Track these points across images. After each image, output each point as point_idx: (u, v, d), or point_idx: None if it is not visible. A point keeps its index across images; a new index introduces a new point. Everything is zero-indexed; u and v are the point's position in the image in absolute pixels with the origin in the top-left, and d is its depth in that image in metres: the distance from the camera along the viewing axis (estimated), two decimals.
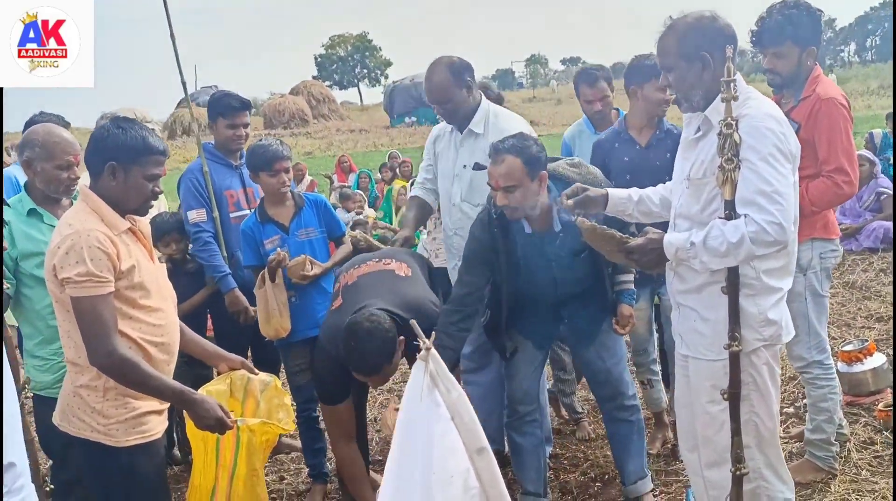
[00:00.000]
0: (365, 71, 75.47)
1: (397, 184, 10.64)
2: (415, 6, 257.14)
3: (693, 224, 2.58)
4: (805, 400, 3.76)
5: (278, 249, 3.79)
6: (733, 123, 2.39)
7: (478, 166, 3.56)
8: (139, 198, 2.63)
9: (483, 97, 3.79)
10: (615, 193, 2.94)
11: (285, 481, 4.25)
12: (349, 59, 74.58)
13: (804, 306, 3.43)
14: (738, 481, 2.62)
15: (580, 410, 4.55)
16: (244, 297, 4.04)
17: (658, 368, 4.13)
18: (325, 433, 3.97)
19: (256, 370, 3.11)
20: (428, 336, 2.18)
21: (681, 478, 3.82)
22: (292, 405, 3.36)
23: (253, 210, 3.99)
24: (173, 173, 4.77)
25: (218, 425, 2.69)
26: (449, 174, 3.79)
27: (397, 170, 11.50)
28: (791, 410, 4.40)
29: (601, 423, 4.41)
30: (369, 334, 2.96)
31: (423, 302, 3.29)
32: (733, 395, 2.57)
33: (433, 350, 1.95)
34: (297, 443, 4.60)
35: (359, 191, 10.60)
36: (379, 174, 11.66)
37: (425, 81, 3.66)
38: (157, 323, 2.65)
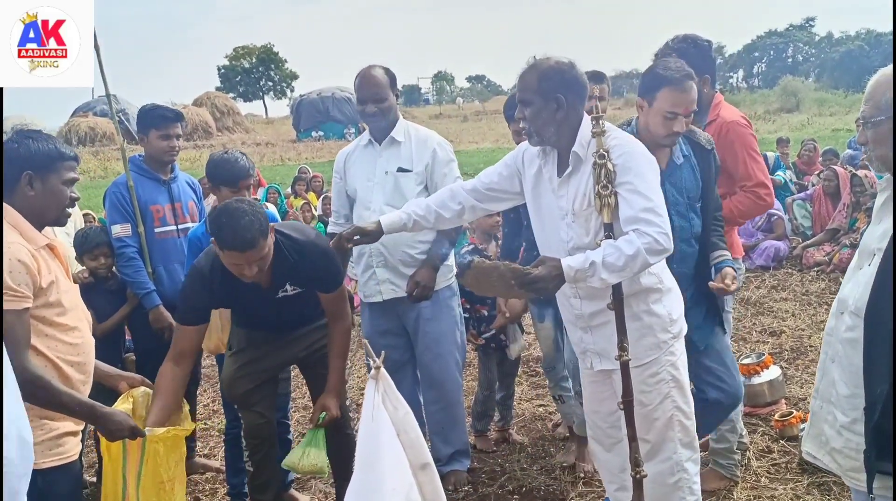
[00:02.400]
0: (270, 83, 74.36)
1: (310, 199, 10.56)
2: (321, 20, 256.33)
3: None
4: None
5: None
6: (605, 153, 2.64)
7: (402, 170, 3.76)
8: (59, 204, 2.60)
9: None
10: (386, 218, 3.14)
11: None
12: (254, 71, 73.34)
13: None
14: (638, 484, 2.79)
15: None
16: (168, 314, 3.99)
17: (569, 384, 4.23)
18: None
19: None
20: None
21: (594, 489, 3.95)
22: (213, 425, 3.28)
23: (203, 220, 3.93)
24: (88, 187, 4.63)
25: (130, 434, 2.72)
26: (366, 183, 3.83)
27: (309, 184, 11.42)
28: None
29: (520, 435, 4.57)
30: (240, 210, 2.97)
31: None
32: (627, 403, 2.75)
33: (382, 369, 2.00)
34: (213, 463, 4.53)
35: (268, 204, 10.44)
36: (290, 190, 11.54)
37: (361, 78, 3.74)
38: (73, 342, 2.60)
